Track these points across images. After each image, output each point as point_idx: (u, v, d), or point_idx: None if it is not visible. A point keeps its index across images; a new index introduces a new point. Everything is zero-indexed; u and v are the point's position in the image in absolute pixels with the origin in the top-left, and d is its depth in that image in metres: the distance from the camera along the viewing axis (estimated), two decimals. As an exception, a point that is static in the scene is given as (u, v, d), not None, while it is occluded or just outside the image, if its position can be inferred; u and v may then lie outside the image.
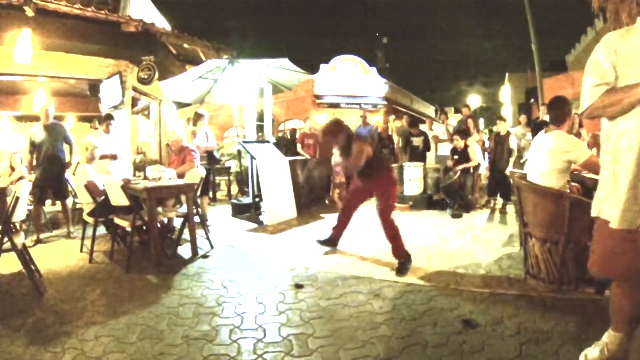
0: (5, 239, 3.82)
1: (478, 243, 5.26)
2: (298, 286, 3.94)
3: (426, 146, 9.67)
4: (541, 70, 14.23)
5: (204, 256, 5.09)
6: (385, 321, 3.11)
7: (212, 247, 5.40)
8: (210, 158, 7.69)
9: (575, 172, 4.11)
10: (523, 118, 9.21)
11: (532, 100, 15.61)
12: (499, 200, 7.66)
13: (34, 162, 6.46)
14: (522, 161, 7.49)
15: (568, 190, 3.70)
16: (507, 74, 24.53)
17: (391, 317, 3.19)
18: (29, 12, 6.49)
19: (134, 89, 8.90)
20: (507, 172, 7.03)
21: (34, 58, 6.95)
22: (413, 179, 8.29)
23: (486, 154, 9.15)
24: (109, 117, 7.08)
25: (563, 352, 2.54)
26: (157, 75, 8.40)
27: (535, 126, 6.24)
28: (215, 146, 7.79)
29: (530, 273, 3.75)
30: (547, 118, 7.98)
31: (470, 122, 9.22)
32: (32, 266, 4.27)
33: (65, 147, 6.57)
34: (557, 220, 3.42)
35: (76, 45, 7.64)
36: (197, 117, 7.31)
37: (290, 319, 3.22)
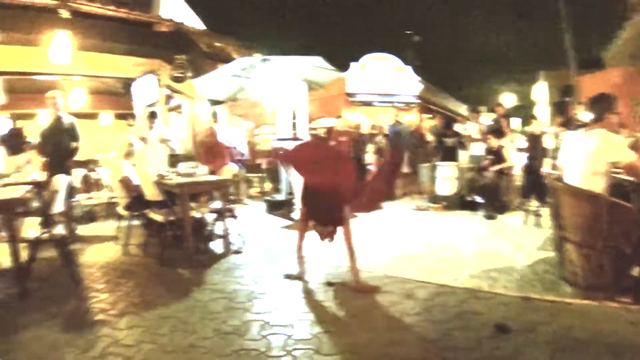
0: (45, 230, 3.92)
1: (512, 246, 5.14)
2: (329, 284, 3.93)
3: (460, 146, 9.48)
4: (576, 68, 13.78)
5: (237, 252, 5.14)
6: (417, 323, 3.07)
7: (244, 243, 5.43)
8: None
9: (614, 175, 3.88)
10: (559, 118, 8.89)
11: (568, 98, 15.12)
12: (534, 202, 7.41)
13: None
14: (557, 162, 7.24)
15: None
16: (541, 72, 23.75)
17: (422, 318, 3.15)
18: (65, 14, 6.73)
19: (168, 87, 9.06)
20: (542, 172, 6.81)
21: (71, 58, 7.17)
22: (446, 178, 8.17)
23: (520, 154, 8.89)
24: (153, 115, 7.22)
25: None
26: (190, 74, 8.53)
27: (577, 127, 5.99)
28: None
29: (565, 279, 3.63)
30: (583, 117, 7.72)
31: (503, 121, 8.99)
32: (70, 257, 4.41)
33: (72, 144, 6.11)
34: (594, 224, 3.27)
35: (110, 45, 7.88)
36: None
37: (321, 317, 3.22)
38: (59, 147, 5.85)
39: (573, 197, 3.47)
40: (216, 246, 5.38)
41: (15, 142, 8.60)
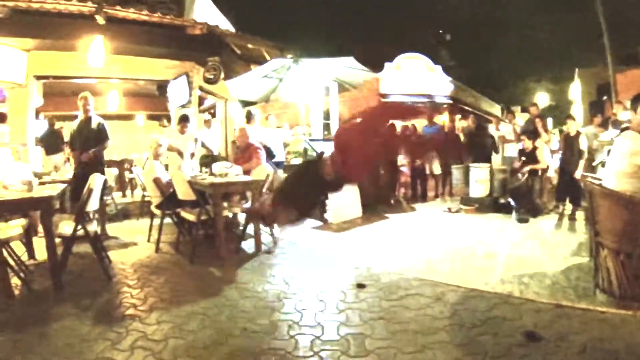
0: (80, 227, 4.02)
1: (545, 251, 4.99)
2: (360, 286, 3.90)
3: (493, 148, 9.28)
4: (614, 65, 13.27)
5: (267, 252, 5.18)
6: (446, 327, 3.03)
7: (275, 243, 5.46)
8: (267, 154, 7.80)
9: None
10: (596, 118, 8.55)
11: (605, 97, 14.55)
12: (568, 206, 7.17)
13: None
14: (594, 164, 6.97)
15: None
16: (576, 70, 22.92)
17: (452, 322, 3.10)
18: (100, 20, 6.93)
19: (201, 88, 9.20)
20: (578, 175, 6.58)
21: (106, 62, 7.44)
22: (479, 180, 8.01)
23: (555, 155, 8.62)
24: (185, 118, 7.34)
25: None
26: (222, 75, 8.64)
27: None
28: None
29: (600, 287, 3.46)
30: (623, 117, 7.40)
31: (538, 121, 8.74)
32: (103, 253, 4.54)
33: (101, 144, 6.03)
34: (632, 230, 3.13)
35: (144, 49, 8.08)
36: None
37: (350, 319, 3.21)
38: (87, 147, 5.85)
39: (610, 201, 3.32)
40: (247, 246, 5.42)
41: (53, 142, 8.92)
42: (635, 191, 3.26)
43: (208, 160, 7.62)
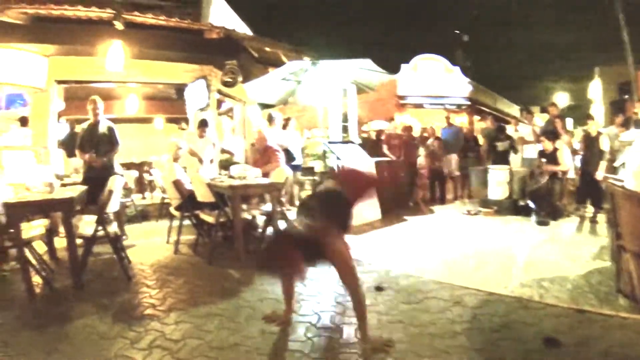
0: (100, 228, 4.09)
1: (565, 254, 4.90)
2: (378, 288, 3.88)
3: (512, 149, 9.19)
4: (634, 63, 12.99)
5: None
6: (464, 331, 2.99)
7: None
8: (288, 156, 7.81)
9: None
10: (617, 117, 8.34)
11: (626, 96, 14.23)
12: (589, 208, 7.01)
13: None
14: (615, 165, 6.83)
15: None
16: (596, 68, 22.43)
17: (470, 326, 3.06)
18: (119, 25, 7.07)
19: (219, 91, 9.28)
20: (599, 176, 6.44)
21: (125, 66, 7.59)
22: (498, 182, 7.91)
23: (576, 156, 8.45)
24: (204, 123, 7.40)
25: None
26: (240, 78, 8.70)
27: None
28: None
29: (622, 291, 3.38)
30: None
31: (557, 122, 8.59)
32: (123, 253, 4.62)
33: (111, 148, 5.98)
34: None
35: (163, 53, 8.22)
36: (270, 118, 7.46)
37: (368, 321, 3.13)
38: (97, 151, 5.80)
39: (632, 202, 3.23)
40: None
41: (73, 145, 9.07)
42: None
43: (226, 163, 7.69)
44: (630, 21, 12.98)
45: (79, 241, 4.18)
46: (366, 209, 6.93)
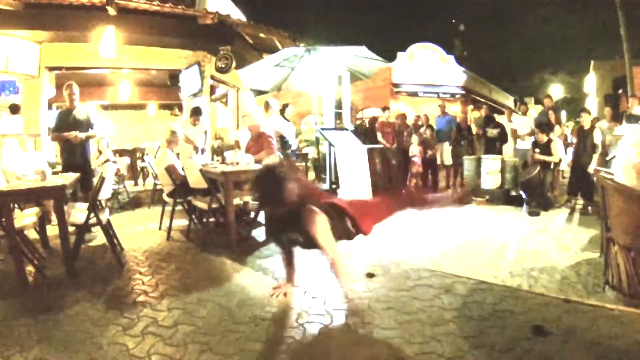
0: (92, 215, 4.09)
1: (555, 245, 4.95)
2: (369, 275, 3.91)
3: (503, 138, 9.27)
4: (631, 58, 13.02)
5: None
6: (454, 318, 3.02)
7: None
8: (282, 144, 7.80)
9: None
10: (608, 111, 8.36)
11: (621, 91, 14.28)
12: (580, 200, 7.07)
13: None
14: (607, 158, 6.86)
15: None
16: (592, 62, 22.47)
17: (460, 314, 3.09)
18: (112, 11, 6.98)
19: (212, 77, 9.23)
20: (591, 169, 6.49)
21: (118, 52, 7.50)
22: (491, 172, 7.96)
23: (568, 149, 8.50)
24: (198, 112, 7.35)
25: (637, 377, 2.30)
26: (234, 64, 8.65)
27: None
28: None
29: (610, 283, 3.40)
30: (637, 111, 7.25)
31: (552, 114, 8.62)
32: (115, 240, 4.62)
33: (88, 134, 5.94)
34: None
35: (156, 39, 8.16)
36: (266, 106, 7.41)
37: (359, 308, 3.15)
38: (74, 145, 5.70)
39: (623, 196, 3.25)
40: (258, 233, 5.45)
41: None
42: (633, 184, 3.22)
43: (219, 149, 7.67)
44: (628, 17, 12.99)
45: (71, 229, 4.19)
46: (359, 195, 6.95)
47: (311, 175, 10.74)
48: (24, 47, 7.44)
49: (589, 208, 6.77)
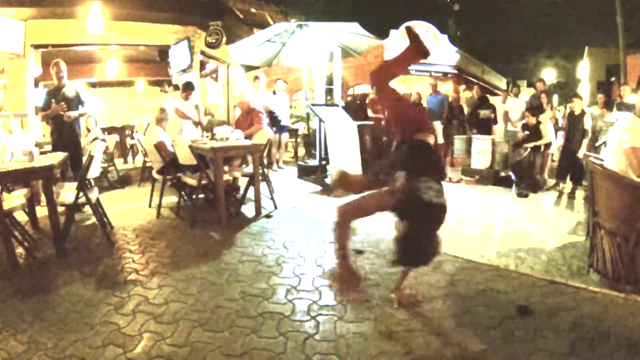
0: (81, 194, 4.08)
1: (542, 227, 5.01)
2: (358, 252, 3.93)
3: (494, 119, 9.34)
4: (625, 46, 13.02)
5: (267, 216, 5.21)
6: (441, 296, 3.08)
7: (275, 207, 5.49)
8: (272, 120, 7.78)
9: None
10: (600, 97, 8.39)
11: (613, 78, 14.31)
12: (569, 184, 7.15)
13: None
14: (597, 144, 6.91)
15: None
16: (586, 48, 22.41)
17: (447, 292, 3.16)
18: None
19: (202, 53, 9.12)
20: (580, 154, 6.54)
21: (105, 28, 7.36)
22: (481, 152, 8.00)
23: (559, 133, 8.55)
24: (190, 87, 7.25)
25: (617, 358, 2.36)
26: (224, 40, 8.54)
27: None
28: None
29: (594, 267, 3.47)
30: (631, 99, 7.28)
31: (543, 97, 8.64)
32: (105, 219, 4.61)
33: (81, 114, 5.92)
34: (631, 214, 3.12)
35: (144, 14, 7.99)
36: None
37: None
38: (61, 116, 5.58)
39: (611, 182, 3.30)
40: (247, 210, 5.46)
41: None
42: (623, 170, 3.27)
43: (208, 125, 7.60)
44: (624, 6, 12.93)
45: (61, 209, 4.17)
46: (349, 172, 6.96)
47: (301, 151, 10.73)
48: (7, 25, 7.22)
49: (577, 192, 6.85)
